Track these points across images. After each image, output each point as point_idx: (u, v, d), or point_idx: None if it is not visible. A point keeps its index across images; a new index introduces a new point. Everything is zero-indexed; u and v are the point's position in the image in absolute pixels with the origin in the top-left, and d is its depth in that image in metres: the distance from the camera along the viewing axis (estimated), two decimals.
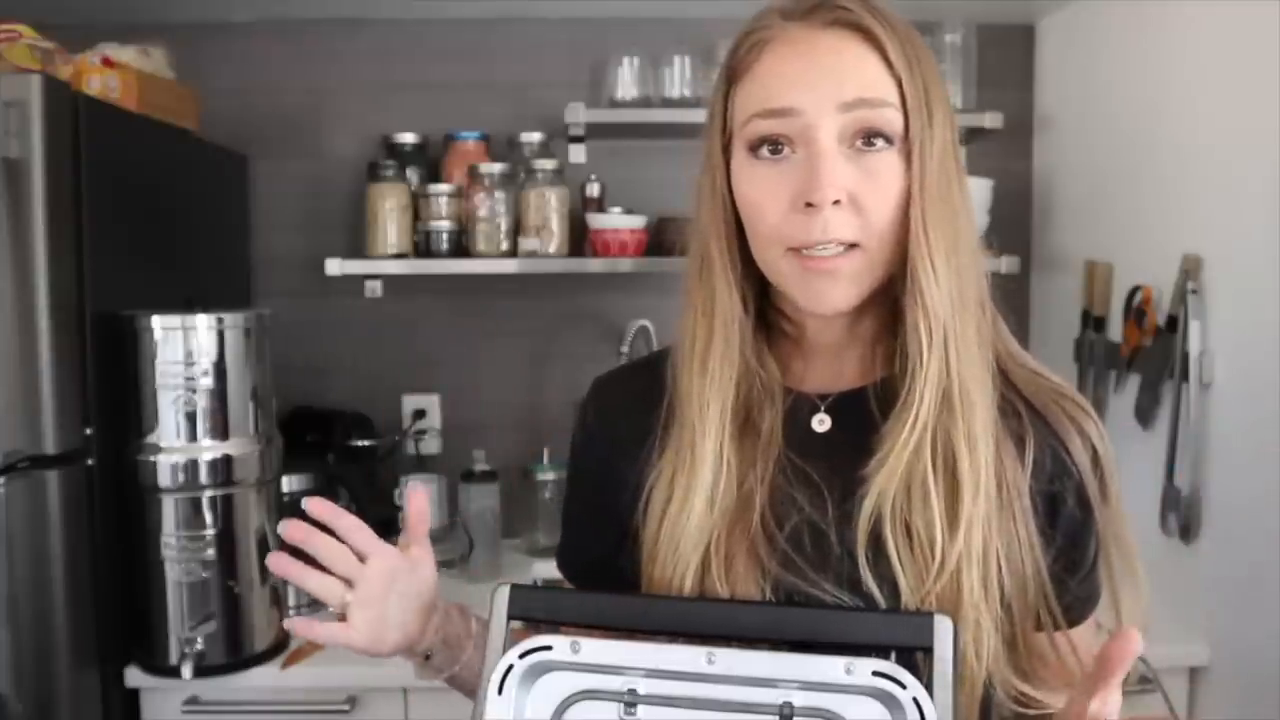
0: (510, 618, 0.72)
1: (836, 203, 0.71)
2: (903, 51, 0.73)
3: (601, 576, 0.85)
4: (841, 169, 0.72)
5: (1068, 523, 0.77)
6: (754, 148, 0.75)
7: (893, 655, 0.66)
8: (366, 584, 0.78)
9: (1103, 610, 0.82)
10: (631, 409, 0.85)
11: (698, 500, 0.77)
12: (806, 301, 0.76)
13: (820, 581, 0.75)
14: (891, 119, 0.72)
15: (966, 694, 0.72)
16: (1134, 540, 0.79)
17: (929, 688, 0.63)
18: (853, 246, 0.73)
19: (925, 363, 0.73)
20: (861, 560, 0.74)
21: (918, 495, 0.73)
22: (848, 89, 0.72)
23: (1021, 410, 0.78)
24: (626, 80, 2.02)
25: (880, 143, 0.72)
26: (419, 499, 0.83)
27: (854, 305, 0.75)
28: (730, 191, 0.77)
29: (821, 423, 0.81)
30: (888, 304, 0.78)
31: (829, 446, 0.79)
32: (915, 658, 0.67)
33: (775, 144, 0.74)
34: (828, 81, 0.72)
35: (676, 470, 0.79)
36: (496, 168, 1.96)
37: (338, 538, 0.79)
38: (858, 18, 0.73)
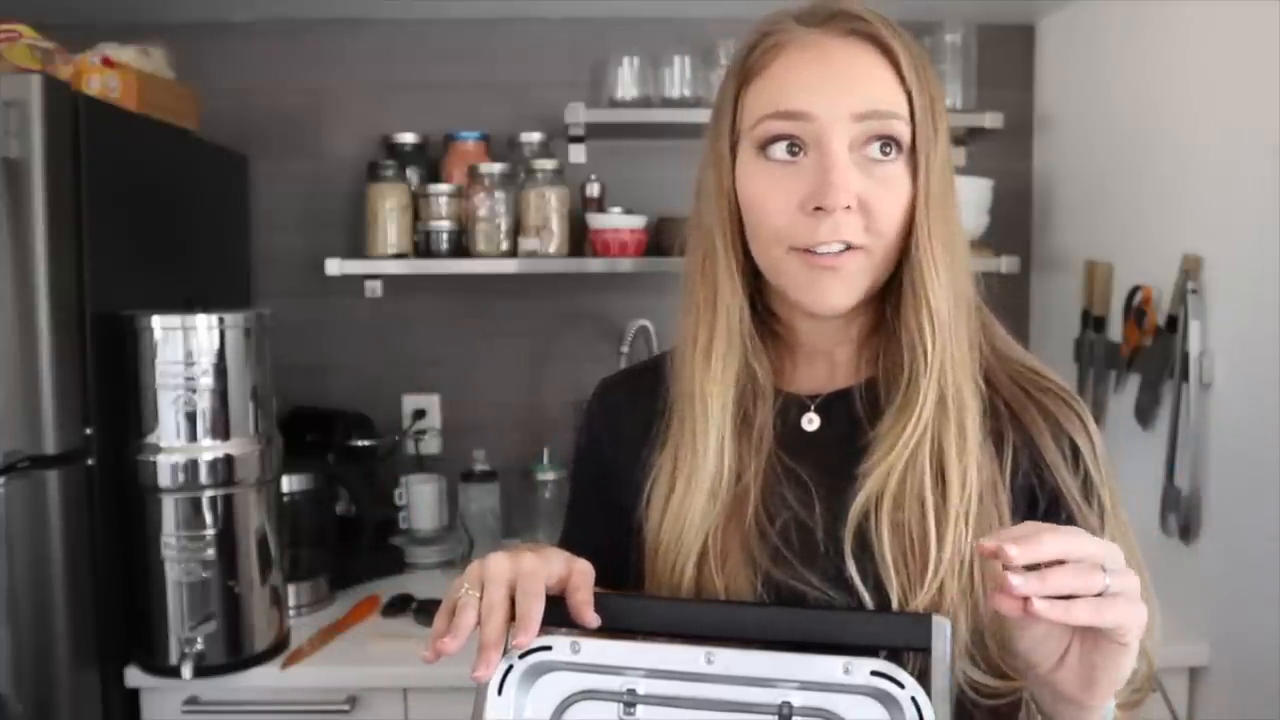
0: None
1: (847, 208, 0.73)
2: (914, 65, 0.75)
3: (601, 569, 0.86)
4: (853, 175, 0.73)
5: (1041, 519, 0.77)
6: (764, 147, 0.76)
7: (883, 654, 0.66)
8: None
9: None
10: (635, 407, 0.87)
11: (700, 491, 0.79)
12: (808, 300, 0.77)
13: (808, 577, 0.76)
14: (901, 130, 0.74)
15: None
16: (1134, 541, 0.78)
17: (924, 686, 0.64)
18: (858, 248, 0.74)
19: (929, 363, 0.74)
20: (848, 555, 0.75)
21: (912, 495, 0.74)
22: (861, 99, 0.73)
23: (1000, 407, 0.78)
24: (626, 80, 2.02)
25: (892, 152, 0.74)
26: None
27: (854, 304, 0.76)
28: (735, 189, 0.78)
29: (811, 422, 0.82)
30: (877, 307, 0.79)
31: (818, 446, 0.80)
32: (903, 656, 0.67)
33: (792, 146, 0.75)
34: (843, 90, 0.73)
35: (678, 463, 0.81)
36: (496, 168, 1.96)
37: None
38: (875, 30, 0.74)
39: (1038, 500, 0.77)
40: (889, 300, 0.79)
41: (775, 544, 0.77)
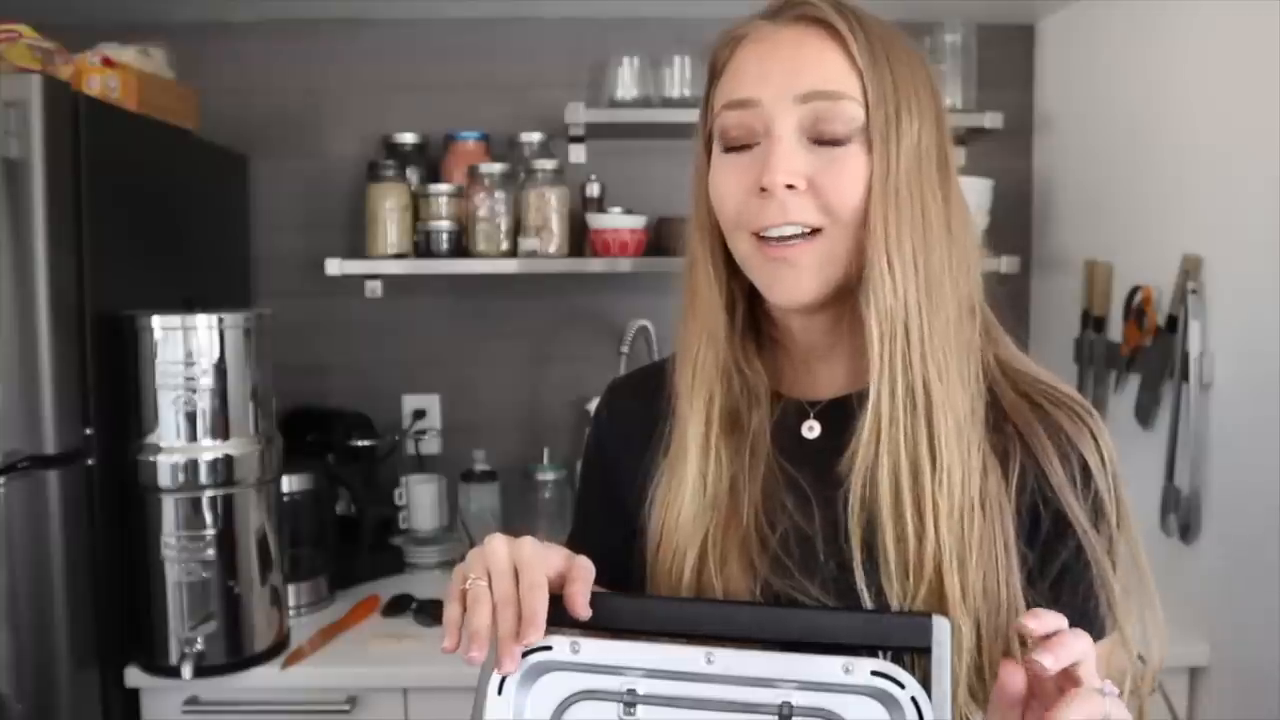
0: None
1: (791, 188, 0.72)
2: (869, 47, 0.73)
3: (607, 570, 0.86)
4: (797, 156, 0.73)
5: (1044, 541, 0.75)
6: (723, 140, 0.77)
7: (887, 654, 0.66)
8: None
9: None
10: (641, 408, 0.87)
11: (688, 489, 0.79)
12: (770, 290, 0.77)
13: (807, 586, 0.75)
14: (850, 111, 0.73)
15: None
16: (1142, 552, 0.76)
17: (924, 687, 0.64)
18: (815, 232, 0.73)
19: (880, 362, 0.73)
20: (856, 565, 0.74)
21: (895, 499, 0.73)
22: (804, 81, 0.73)
23: (1006, 422, 0.76)
24: (626, 80, 2.02)
25: (841, 132, 0.73)
26: None
27: (816, 296, 0.75)
28: (709, 189, 0.79)
29: (811, 429, 0.81)
30: None
31: (818, 453, 0.79)
32: (906, 658, 0.67)
33: (740, 135, 0.75)
34: (786, 74, 0.73)
35: (673, 463, 0.81)
36: (496, 168, 1.96)
37: None
38: (822, 13, 0.74)
39: (1041, 520, 0.75)
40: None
41: (775, 552, 0.77)
